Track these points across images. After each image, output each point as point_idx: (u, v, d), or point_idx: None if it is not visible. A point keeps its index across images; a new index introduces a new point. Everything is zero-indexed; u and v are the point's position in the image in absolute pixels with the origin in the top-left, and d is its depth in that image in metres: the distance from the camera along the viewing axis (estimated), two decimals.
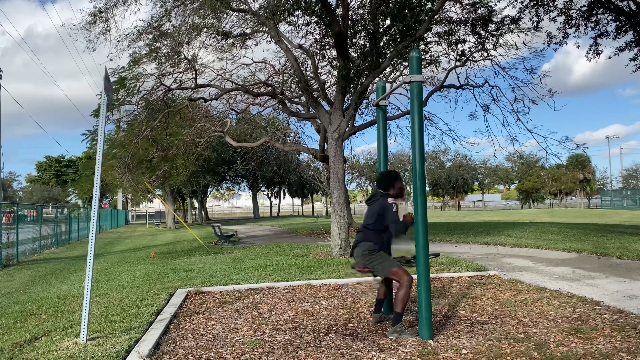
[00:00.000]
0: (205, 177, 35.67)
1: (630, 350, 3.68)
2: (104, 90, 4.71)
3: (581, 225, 18.97)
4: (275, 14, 9.28)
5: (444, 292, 6.08)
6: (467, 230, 17.49)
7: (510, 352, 3.70)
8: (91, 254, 4.47)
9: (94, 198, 4.63)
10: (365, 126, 13.70)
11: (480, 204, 78.55)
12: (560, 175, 66.97)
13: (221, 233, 16.44)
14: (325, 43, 11.88)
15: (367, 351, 3.86)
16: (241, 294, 6.34)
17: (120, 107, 14.39)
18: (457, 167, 66.53)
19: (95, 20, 11.01)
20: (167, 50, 11.57)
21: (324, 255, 10.73)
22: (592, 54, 14.95)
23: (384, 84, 5.40)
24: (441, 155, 60.81)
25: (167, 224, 37.49)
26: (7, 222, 15.00)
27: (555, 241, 12.24)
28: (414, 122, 4.33)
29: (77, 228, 25.18)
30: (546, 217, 33.26)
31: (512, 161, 68.57)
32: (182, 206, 50.22)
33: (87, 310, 4.35)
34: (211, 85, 13.59)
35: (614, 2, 13.82)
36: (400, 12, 9.73)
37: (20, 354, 4.06)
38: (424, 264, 4.23)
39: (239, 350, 3.98)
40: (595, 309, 5.02)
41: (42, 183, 64.27)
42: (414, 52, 4.38)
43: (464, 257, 9.82)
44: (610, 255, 9.33)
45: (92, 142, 26.10)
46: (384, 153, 5.24)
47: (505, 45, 12.88)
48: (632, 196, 52.27)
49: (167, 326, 4.76)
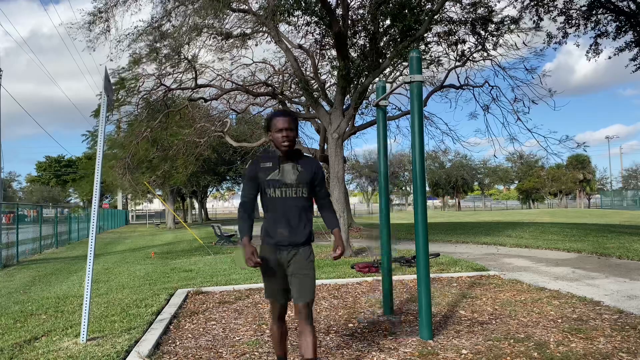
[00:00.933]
0: (205, 177, 35.65)
1: (630, 350, 3.68)
2: (104, 90, 4.71)
3: (581, 225, 18.97)
4: (275, 14, 9.28)
5: (444, 292, 6.08)
6: (467, 230, 17.49)
7: (510, 352, 3.70)
8: (91, 254, 4.46)
9: (94, 198, 4.63)
10: (365, 126, 13.70)
11: (480, 204, 78.56)
12: (560, 175, 66.97)
13: (221, 233, 16.45)
14: (325, 43, 11.89)
15: (367, 351, 3.86)
16: (241, 294, 6.34)
17: (120, 108, 14.40)
18: (457, 167, 66.51)
19: (95, 20, 11.02)
20: (167, 51, 11.59)
21: (324, 255, 10.73)
22: (592, 53, 14.97)
23: (384, 84, 5.40)
24: (441, 155, 60.77)
25: (167, 224, 37.51)
26: (7, 222, 14.99)
27: (555, 241, 12.24)
28: (414, 122, 4.33)
29: (77, 228, 25.19)
30: (546, 217, 33.26)
31: (512, 161, 68.59)
32: (182, 206, 50.21)
33: (87, 310, 4.35)
34: (211, 85, 13.59)
35: (614, 2, 13.82)
36: (400, 12, 9.72)
37: (20, 354, 4.06)
38: (424, 264, 4.23)
39: (239, 350, 3.98)
40: (595, 309, 5.02)
41: (42, 183, 64.24)
42: (413, 52, 4.38)
43: (464, 257, 9.82)
44: (610, 255, 9.33)
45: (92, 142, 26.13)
46: (384, 153, 5.24)
47: (505, 45, 12.89)
48: (632, 196, 52.27)
49: (167, 326, 4.76)
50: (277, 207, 2.92)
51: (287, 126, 2.90)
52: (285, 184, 2.91)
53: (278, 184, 2.91)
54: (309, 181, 2.97)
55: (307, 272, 2.94)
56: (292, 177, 2.93)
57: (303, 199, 2.96)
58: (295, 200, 2.93)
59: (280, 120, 2.91)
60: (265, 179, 2.93)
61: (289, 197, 2.92)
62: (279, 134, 2.91)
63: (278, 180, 2.92)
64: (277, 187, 2.91)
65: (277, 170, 2.94)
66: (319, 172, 3.07)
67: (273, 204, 2.94)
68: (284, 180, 2.92)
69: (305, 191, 2.96)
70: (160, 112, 12.86)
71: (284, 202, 2.91)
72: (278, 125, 2.90)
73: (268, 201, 2.95)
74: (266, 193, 2.95)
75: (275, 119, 2.93)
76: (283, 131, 2.90)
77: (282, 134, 2.90)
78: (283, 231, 2.92)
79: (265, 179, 2.93)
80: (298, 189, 2.93)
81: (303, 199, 2.96)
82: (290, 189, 2.92)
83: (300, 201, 2.94)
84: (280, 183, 2.91)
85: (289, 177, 2.93)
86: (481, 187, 76.22)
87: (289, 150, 2.94)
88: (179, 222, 34.90)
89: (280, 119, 2.92)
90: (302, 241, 2.95)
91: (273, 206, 2.93)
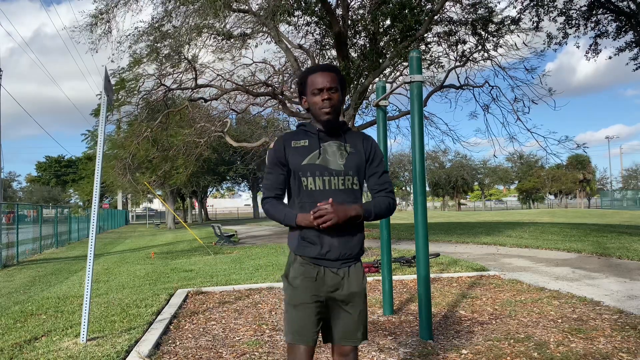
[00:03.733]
0: (205, 177, 35.67)
1: (630, 350, 3.68)
2: (104, 90, 4.71)
3: (581, 225, 18.97)
4: (275, 14, 9.29)
5: (444, 292, 6.08)
6: (467, 230, 17.49)
7: (510, 352, 3.70)
8: (91, 254, 4.46)
9: (94, 198, 4.63)
10: (365, 126, 13.71)
11: (480, 204, 78.58)
12: (560, 176, 67.03)
13: (221, 233, 16.44)
14: (325, 43, 11.89)
15: (367, 351, 3.86)
16: (241, 294, 6.34)
17: (120, 108, 14.41)
18: (457, 167, 66.54)
19: (97, 21, 11.04)
20: (167, 51, 11.60)
21: None
22: (592, 53, 14.99)
23: (384, 84, 5.40)
24: (441, 155, 60.93)
25: (167, 224, 37.52)
26: (7, 222, 14.99)
27: (555, 241, 12.24)
28: (414, 122, 4.33)
29: (77, 228, 25.19)
30: (546, 217, 33.26)
31: (512, 161, 68.65)
32: (182, 206, 50.23)
33: (87, 311, 4.35)
34: (211, 85, 13.60)
35: (614, 2, 13.82)
36: (401, 12, 9.73)
37: (20, 354, 4.06)
38: (424, 264, 4.23)
39: (239, 350, 3.98)
40: (595, 309, 5.02)
41: (42, 183, 64.28)
42: (414, 52, 4.38)
43: (464, 257, 9.82)
44: (610, 255, 9.32)
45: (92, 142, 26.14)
46: (384, 153, 5.24)
47: (506, 45, 12.90)
48: (632, 196, 52.28)
49: (167, 326, 4.76)
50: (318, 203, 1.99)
51: (331, 85, 2.03)
52: (330, 171, 2.05)
53: (320, 170, 2.04)
54: (361, 166, 2.11)
55: (362, 300, 2.12)
56: (339, 161, 2.07)
57: (354, 191, 2.08)
58: (343, 193, 2.05)
59: (320, 77, 2.03)
60: (299, 164, 2.06)
61: (335, 189, 2.05)
62: (317, 96, 2.03)
63: (319, 165, 2.05)
64: (318, 175, 2.04)
65: (318, 151, 2.07)
66: (372, 152, 2.15)
67: (312, 199, 2.03)
68: (327, 165, 2.06)
69: (357, 180, 2.09)
70: (160, 112, 12.88)
71: (329, 196, 2.00)
72: (317, 84, 2.03)
73: (304, 195, 2.06)
74: (301, 183, 2.06)
75: (314, 75, 2.06)
76: (324, 92, 2.02)
77: (323, 96, 2.02)
78: (330, 239, 2.03)
79: (300, 163, 2.06)
80: (347, 177, 2.06)
81: (354, 192, 2.08)
82: (337, 178, 2.05)
83: (350, 195, 2.07)
84: (323, 169, 2.05)
85: (334, 161, 2.06)
86: (481, 187, 76.22)
87: (332, 121, 2.07)
88: (179, 222, 34.90)
89: (320, 75, 2.04)
90: (355, 253, 2.09)
91: (312, 202, 2.02)
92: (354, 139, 2.15)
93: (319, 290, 2.05)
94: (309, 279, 2.05)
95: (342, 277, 2.06)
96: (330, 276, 2.06)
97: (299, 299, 2.04)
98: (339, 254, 2.04)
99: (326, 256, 2.03)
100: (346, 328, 2.09)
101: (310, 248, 2.05)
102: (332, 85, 2.03)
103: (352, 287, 2.08)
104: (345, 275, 2.07)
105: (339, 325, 2.10)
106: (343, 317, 2.09)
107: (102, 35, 11.16)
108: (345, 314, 2.09)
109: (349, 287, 2.07)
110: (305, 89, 2.09)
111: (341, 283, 2.06)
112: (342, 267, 2.07)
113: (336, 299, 2.08)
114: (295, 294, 2.05)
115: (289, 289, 2.09)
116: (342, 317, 2.09)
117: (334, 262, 2.05)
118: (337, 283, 2.06)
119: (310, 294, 2.04)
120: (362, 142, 2.15)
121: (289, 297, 2.07)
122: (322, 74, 2.04)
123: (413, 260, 8.32)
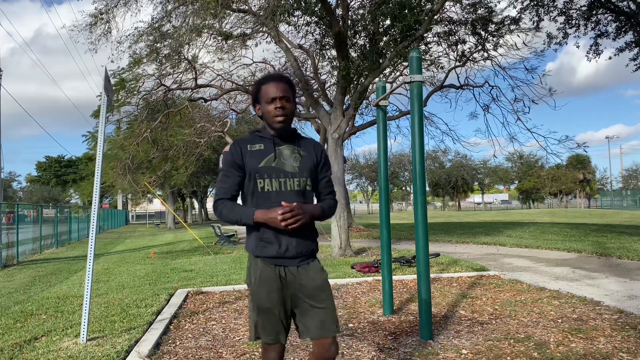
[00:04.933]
0: (206, 177, 35.69)
1: (630, 350, 3.68)
2: (104, 90, 4.71)
3: (581, 225, 18.97)
4: (275, 14, 9.28)
5: (444, 292, 6.08)
6: (467, 230, 17.49)
7: (510, 352, 3.70)
8: (91, 254, 4.46)
9: (94, 198, 4.63)
10: (365, 126, 13.70)
11: (479, 198, 78.51)
12: (560, 176, 67.02)
13: (221, 233, 16.44)
14: (325, 43, 11.88)
15: (367, 351, 3.86)
16: (241, 294, 6.34)
17: (120, 108, 14.41)
18: (457, 167, 66.52)
19: (97, 21, 11.03)
20: (167, 51, 11.60)
21: (323, 255, 10.73)
22: (593, 53, 14.98)
23: (384, 84, 5.40)
24: (441, 155, 60.91)
25: (167, 224, 37.53)
26: (7, 222, 14.99)
27: (556, 241, 12.24)
28: (414, 122, 4.33)
29: (77, 228, 25.18)
30: (546, 217, 33.25)
31: (512, 161, 68.63)
32: (182, 206, 50.22)
33: (87, 311, 4.35)
34: (211, 85, 13.60)
35: (614, 2, 13.82)
36: (400, 12, 9.72)
37: (20, 354, 4.06)
38: (424, 264, 4.23)
39: (239, 350, 3.98)
40: (595, 309, 5.02)
41: (42, 183, 64.27)
42: (414, 52, 4.38)
43: (464, 257, 9.82)
44: (610, 255, 9.33)
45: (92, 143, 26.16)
46: (384, 153, 5.24)
47: (506, 45, 12.88)
48: (632, 196, 52.27)
49: (167, 326, 4.76)
50: (273, 204, 2.10)
51: (283, 94, 2.15)
52: (286, 173, 2.17)
53: (276, 172, 2.16)
54: (313, 169, 2.25)
55: (328, 292, 2.18)
56: (293, 164, 2.20)
57: (307, 192, 2.22)
58: (297, 194, 2.17)
59: (272, 87, 2.15)
60: (256, 167, 2.16)
61: (290, 190, 2.16)
62: (271, 105, 2.16)
63: (275, 167, 2.16)
64: (274, 176, 2.15)
65: (273, 155, 2.18)
66: (322, 157, 2.32)
67: (267, 200, 2.13)
68: (283, 167, 2.17)
69: (310, 182, 2.22)
70: (160, 112, 12.88)
71: (284, 197, 2.12)
72: (270, 93, 2.15)
73: (259, 197, 2.15)
74: (257, 185, 2.15)
75: (267, 84, 2.17)
76: (277, 101, 2.15)
77: (276, 105, 2.15)
78: (288, 237, 2.13)
79: (256, 166, 2.16)
80: (301, 179, 2.19)
81: (307, 193, 2.22)
82: (292, 180, 2.17)
83: (303, 196, 2.19)
84: (279, 171, 2.16)
85: (289, 164, 2.19)
86: (481, 187, 76.21)
87: (285, 128, 2.20)
88: (179, 222, 34.90)
89: (273, 85, 2.16)
90: (311, 250, 2.22)
91: (268, 204, 2.12)
92: (306, 144, 2.30)
93: (282, 290, 2.16)
94: (271, 281, 2.15)
95: (302, 274, 2.17)
96: (291, 275, 2.16)
97: (263, 301, 2.15)
98: (296, 251, 2.15)
99: (285, 254, 2.14)
100: (320, 322, 2.15)
101: (268, 247, 2.14)
102: (285, 94, 2.16)
103: (315, 281, 2.17)
104: (304, 272, 2.18)
105: (314, 321, 2.15)
106: (314, 312, 2.16)
107: (101, 35, 11.16)
108: (315, 309, 2.16)
109: (311, 282, 2.17)
110: (259, 97, 2.21)
111: (302, 280, 2.16)
112: (301, 264, 2.18)
113: (301, 297, 2.17)
114: (259, 297, 2.15)
115: (252, 293, 2.19)
116: (313, 313, 2.16)
117: (292, 259, 2.15)
118: (299, 280, 2.16)
119: (274, 295, 2.14)
120: (314, 147, 2.31)
121: (254, 300, 2.18)
122: (275, 84, 2.17)
123: (413, 260, 8.32)
